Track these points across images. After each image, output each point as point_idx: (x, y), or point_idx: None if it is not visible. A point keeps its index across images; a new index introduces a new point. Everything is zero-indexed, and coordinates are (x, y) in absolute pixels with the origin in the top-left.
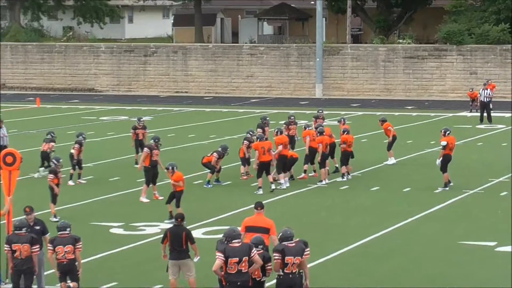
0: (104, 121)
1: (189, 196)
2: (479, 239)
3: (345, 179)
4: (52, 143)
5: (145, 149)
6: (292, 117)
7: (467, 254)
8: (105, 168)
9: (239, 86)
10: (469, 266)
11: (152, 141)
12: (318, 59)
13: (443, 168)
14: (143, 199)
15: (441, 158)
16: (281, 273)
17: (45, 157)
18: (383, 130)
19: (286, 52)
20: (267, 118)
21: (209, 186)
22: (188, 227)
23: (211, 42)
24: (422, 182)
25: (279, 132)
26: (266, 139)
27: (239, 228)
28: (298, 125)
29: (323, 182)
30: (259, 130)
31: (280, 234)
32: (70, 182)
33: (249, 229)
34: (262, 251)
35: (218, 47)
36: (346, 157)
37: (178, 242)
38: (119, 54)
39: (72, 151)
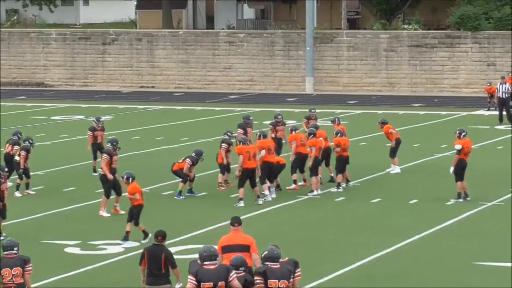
0: (56, 122)
1: (158, 209)
2: (496, 259)
3: (341, 189)
4: (17, 146)
5: (105, 156)
6: (279, 117)
7: (483, 276)
8: (57, 177)
9: (215, 80)
10: None
11: (109, 145)
12: (308, 48)
13: (458, 176)
14: (103, 213)
15: (455, 165)
16: None
17: (8, 161)
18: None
19: (271, 39)
20: (251, 118)
21: (181, 197)
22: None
23: (181, 28)
24: (431, 193)
25: (262, 136)
26: (250, 142)
27: (216, 247)
28: (286, 125)
29: (315, 193)
30: (240, 131)
31: (265, 252)
32: (17, 193)
33: (225, 249)
34: (243, 273)
35: (190, 34)
36: (343, 163)
37: (156, 265)
38: (73, 42)
39: (17, 158)
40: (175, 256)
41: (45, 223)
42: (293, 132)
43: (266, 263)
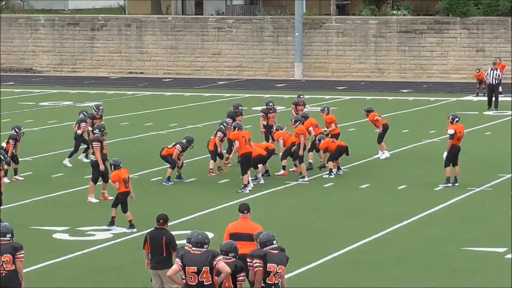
0: (45, 108)
1: (146, 195)
2: (487, 244)
3: (332, 176)
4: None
5: (96, 144)
6: (270, 104)
7: (473, 262)
8: (46, 163)
9: (204, 66)
10: (476, 276)
11: (97, 131)
12: (297, 34)
13: (449, 161)
14: (92, 199)
15: (448, 150)
16: (263, 284)
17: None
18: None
19: (260, 25)
20: (240, 107)
21: (170, 183)
22: (143, 232)
23: (170, 13)
24: (420, 178)
25: (237, 128)
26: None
27: (206, 234)
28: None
29: (306, 179)
30: (229, 120)
31: (259, 239)
32: (5, 180)
33: (233, 236)
34: (233, 259)
35: (179, 19)
36: (339, 152)
37: (158, 249)
38: (62, 28)
39: (4, 144)
40: None
41: (33, 209)
42: (278, 131)
43: (265, 248)
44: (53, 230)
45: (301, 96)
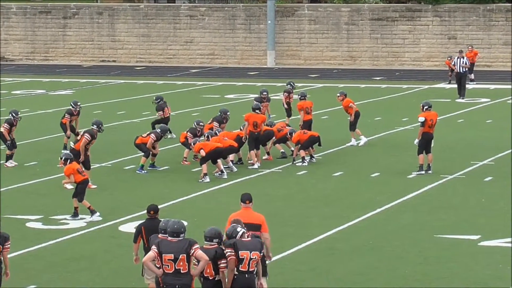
0: (17, 96)
1: (120, 184)
2: (460, 232)
3: (306, 163)
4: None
5: (87, 136)
6: (264, 93)
7: (447, 250)
8: (18, 152)
9: (176, 54)
10: (449, 263)
11: (94, 127)
12: (269, 22)
13: (421, 148)
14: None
15: (420, 137)
16: (236, 273)
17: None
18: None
19: (232, 13)
20: (228, 113)
21: (143, 172)
22: (117, 220)
23: (142, 1)
24: (393, 166)
25: (210, 136)
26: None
27: (183, 223)
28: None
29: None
30: (216, 124)
31: (226, 232)
32: (8, 164)
33: None
34: (215, 245)
35: (151, 7)
36: (311, 142)
37: None
38: (34, 16)
39: (2, 129)
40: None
41: (6, 198)
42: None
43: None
44: (26, 219)
45: (291, 84)
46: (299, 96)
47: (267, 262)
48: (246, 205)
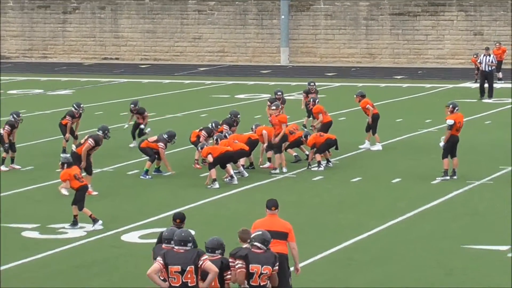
0: (13, 96)
1: (122, 190)
2: (488, 242)
3: (322, 168)
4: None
5: (91, 141)
6: (279, 93)
7: (473, 261)
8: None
9: (183, 51)
10: (475, 276)
11: (100, 132)
12: (283, 17)
13: (447, 152)
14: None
15: (446, 141)
16: (246, 286)
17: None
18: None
19: (243, 8)
20: (239, 115)
21: (148, 177)
22: (119, 229)
23: None
24: (415, 171)
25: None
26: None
27: (189, 232)
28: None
29: (278, 171)
30: (226, 127)
31: (258, 233)
32: (3, 168)
33: None
34: (219, 256)
35: (157, 1)
36: (327, 145)
37: None
38: (32, 11)
39: (1, 131)
40: (141, 241)
41: (2, 205)
42: (258, 127)
43: (255, 243)
44: (21, 227)
45: (312, 84)
46: (311, 102)
47: (296, 274)
48: (272, 211)
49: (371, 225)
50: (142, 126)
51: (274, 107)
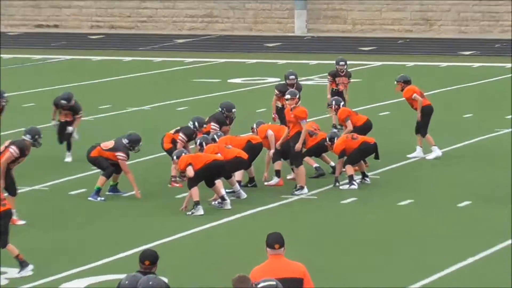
0: None
1: (61, 218)
2: None
3: (355, 185)
4: None
5: (14, 149)
6: (291, 77)
7: None
8: None
9: (153, 15)
10: None
11: (28, 138)
12: None
13: None
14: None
15: None
16: None
17: None
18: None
19: None
20: (234, 110)
21: (99, 199)
22: (58, 276)
23: None
24: (491, 190)
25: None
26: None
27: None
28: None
29: (306, 190)
30: (215, 126)
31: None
32: None
33: None
34: None
35: None
36: (363, 153)
37: None
38: None
39: None
40: None
41: None
42: (260, 126)
43: None
44: None
45: (342, 63)
46: (335, 107)
47: None
48: (275, 251)
49: (430, 269)
50: (70, 128)
51: (289, 96)
